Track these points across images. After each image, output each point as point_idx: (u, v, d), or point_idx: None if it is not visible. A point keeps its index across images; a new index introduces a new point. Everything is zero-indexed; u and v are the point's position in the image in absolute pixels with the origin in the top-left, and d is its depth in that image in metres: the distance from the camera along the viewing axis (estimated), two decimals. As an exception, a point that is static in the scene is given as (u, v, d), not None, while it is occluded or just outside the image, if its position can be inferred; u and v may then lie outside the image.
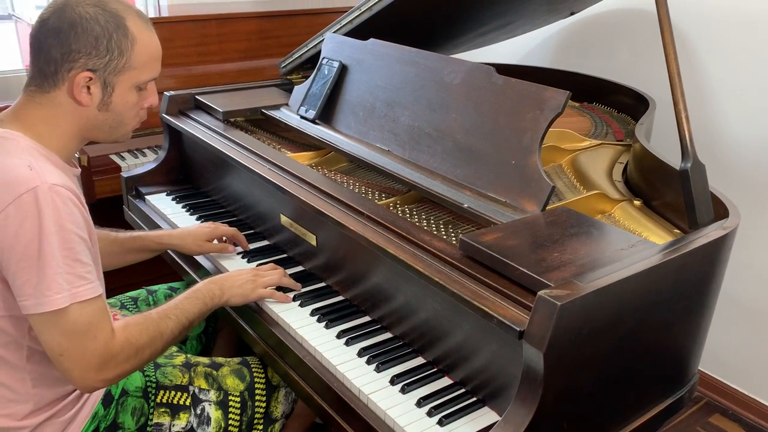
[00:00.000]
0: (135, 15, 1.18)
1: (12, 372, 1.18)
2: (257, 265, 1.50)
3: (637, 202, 1.47)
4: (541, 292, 0.96)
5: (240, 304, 1.38)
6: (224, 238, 1.62)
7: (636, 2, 2.29)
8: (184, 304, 1.28)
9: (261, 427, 1.42)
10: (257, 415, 1.41)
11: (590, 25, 2.46)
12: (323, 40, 1.86)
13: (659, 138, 1.86)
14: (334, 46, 1.80)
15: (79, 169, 1.26)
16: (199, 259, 1.61)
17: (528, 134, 1.30)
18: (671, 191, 1.30)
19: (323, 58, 1.80)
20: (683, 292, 1.15)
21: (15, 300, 1.09)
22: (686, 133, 1.19)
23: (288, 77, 2.16)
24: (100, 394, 1.28)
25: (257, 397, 1.41)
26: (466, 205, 1.30)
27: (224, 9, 2.58)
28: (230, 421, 1.37)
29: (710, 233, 1.16)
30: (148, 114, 1.30)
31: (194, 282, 1.54)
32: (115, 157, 2.30)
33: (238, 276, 1.39)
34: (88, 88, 1.15)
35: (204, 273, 1.56)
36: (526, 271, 1.03)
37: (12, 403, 1.19)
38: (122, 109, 1.21)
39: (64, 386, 1.23)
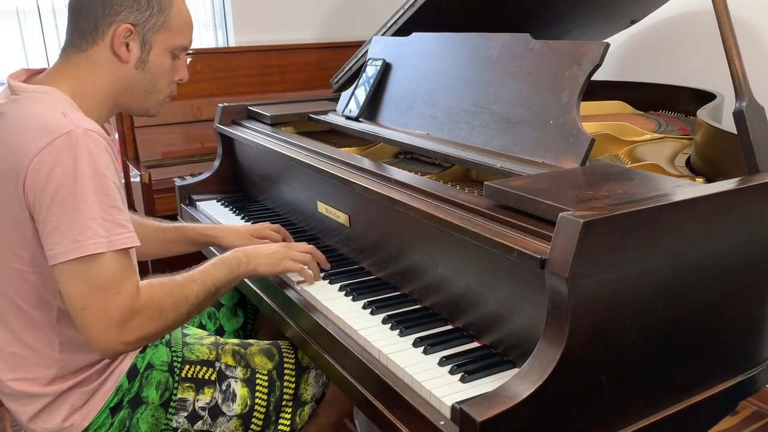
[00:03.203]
0: None
1: (40, 333, 1.16)
2: None
3: (699, 179, 1.34)
4: (563, 214, 0.87)
5: (267, 274, 1.33)
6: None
7: (700, 3, 2.19)
8: (210, 269, 1.24)
9: (290, 409, 1.33)
10: (286, 396, 1.33)
11: (654, 33, 2.37)
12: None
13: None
14: (378, 47, 1.81)
15: (111, 137, 1.28)
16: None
17: (566, 91, 1.23)
18: (736, 164, 1.17)
19: (368, 59, 1.81)
20: (740, 239, 1.01)
21: (44, 254, 1.07)
22: (738, 70, 1.08)
23: (340, 92, 2.19)
24: (126, 366, 1.24)
25: (286, 378, 1.34)
26: (498, 165, 1.22)
27: (286, 40, 2.68)
28: (257, 400, 1.30)
29: (770, 174, 1.03)
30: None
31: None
32: (176, 179, 2.37)
33: (268, 246, 1.35)
34: (127, 44, 1.17)
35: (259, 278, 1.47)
36: (551, 203, 0.94)
37: (37, 366, 1.17)
38: (157, 71, 1.22)
39: (91, 353, 1.20)
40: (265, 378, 1.32)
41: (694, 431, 1.09)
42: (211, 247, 1.65)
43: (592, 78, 1.31)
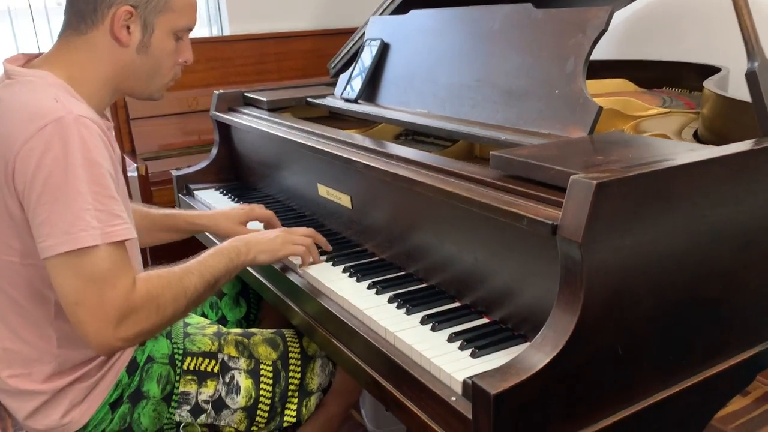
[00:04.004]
0: None
1: (36, 328, 1.12)
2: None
3: (708, 150, 1.30)
4: (574, 176, 0.83)
5: (268, 262, 1.28)
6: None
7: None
8: (209, 260, 1.19)
9: (296, 399, 1.30)
10: (291, 387, 1.29)
11: (655, 10, 2.34)
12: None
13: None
14: (376, 27, 1.77)
15: (112, 123, 1.23)
16: None
17: (571, 60, 1.19)
18: (746, 134, 1.14)
19: (366, 40, 1.77)
20: (757, 203, 0.97)
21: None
22: (749, 30, 1.04)
23: (338, 77, 2.15)
24: (125, 360, 1.21)
25: (291, 368, 1.30)
26: (503, 138, 1.19)
27: (282, 28, 2.64)
28: (261, 392, 1.26)
29: (788, 136, 0.99)
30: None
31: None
32: (174, 172, 2.33)
33: (267, 233, 1.31)
34: (128, 27, 1.12)
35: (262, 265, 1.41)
36: (561, 168, 0.90)
37: (34, 362, 1.13)
38: (160, 54, 1.17)
39: (88, 348, 1.16)
40: (270, 368, 1.29)
41: (712, 405, 1.06)
42: (207, 234, 1.61)
43: (594, 58, 1.27)
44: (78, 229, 0.98)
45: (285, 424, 1.28)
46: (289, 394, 1.29)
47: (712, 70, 1.84)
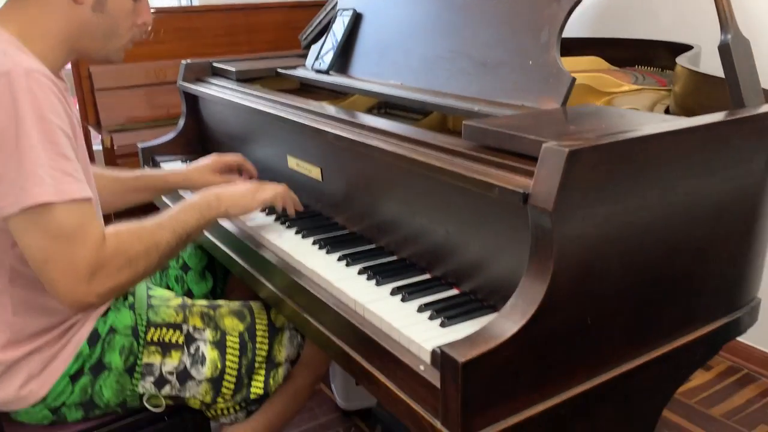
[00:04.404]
0: None
1: None
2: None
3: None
4: (546, 144, 0.82)
5: (240, 215, 1.28)
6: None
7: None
8: (180, 214, 1.17)
9: (263, 371, 1.28)
10: (258, 359, 1.27)
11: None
12: (340, -2, 1.80)
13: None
14: (349, -3, 1.73)
15: (66, 84, 1.19)
16: (225, 224, 1.44)
17: (545, 30, 1.18)
18: (718, 109, 1.14)
19: (338, 10, 1.74)
20: (727, 176, 0.98)
21: None
22: (723, 2, 1.04)
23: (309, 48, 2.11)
24: (86, 331, 1.17)
25: (258, 339, 1.28)
26: (476, 109, 1.17)
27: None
28: (228, 363, 1.24)
29: (758, 108, 0.99)
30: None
31: (210, 243, 1.46)
32: (140, 144, 2.28)
33: (238, 187, 1.29)
34: None
35: (224, 233, 1.42)
36: (533, 137, 0.89)
37: None
38: (117, 14, 1.13)
39: (48, 317, 1.13)
40: (236, 340, 1.27)
41: (679, 374, 1.07)
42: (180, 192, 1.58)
43: (566, 35, 1.26)
44: (32, 184, 0.95)
45: (252, 396, 1.26)
46: (256, 365, 1.27)
47: (685, 48, 1.85)
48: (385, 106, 1.70)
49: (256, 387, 1.27)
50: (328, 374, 2.03)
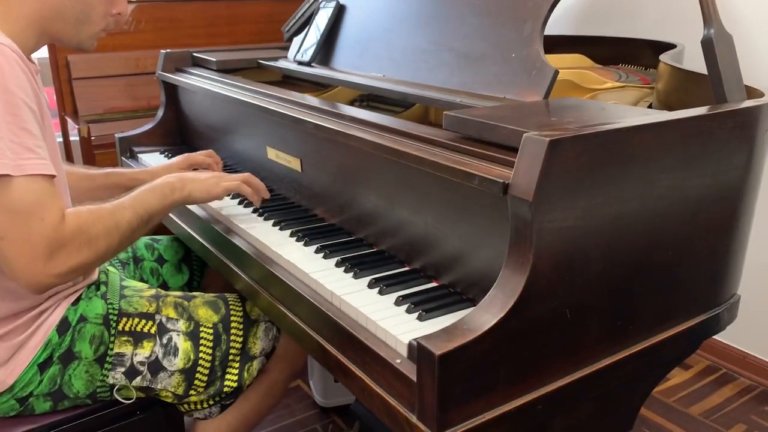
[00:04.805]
0: None
1: None
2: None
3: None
4: (527, 134, 0.81)
5: (204, 200, 1.26)
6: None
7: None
8: (142, 195, 1.15)
9: (237, 363, 1.25)
10: (233, 351, 1.25)
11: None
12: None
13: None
14: (332, -12, 1.71)
15: (38, 67, 1.17)
16: (195, 209, 1.45)
17: (528, 23, 1.17)
18: (699, 104, 1.13)
19: (321, 2, 1.71)
20: (709, 170, 0.97)
21: None
22: (706, -4, 1.03)
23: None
24: (55, 319, 1.15)
25: (233, 331, 1.26)
26: (458, 101, 1.16)
27: (235, -10, 2.55)
28: (201, 354, 1.22)
29: (740, 103, 0.99)
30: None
31: (186, 235, 1.44)
32: (117, 134, 2.23)
33: (202, 173, 1.28)
34: None
35: (201, 225, 1.41)
36: (514, 127, 0.87)
37: None
38: (92, 0, 1.11)
39: (15, 302, 1.10)
40: (210, 331, 1.24)
41: (658, 371, 1.06)
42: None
43: (550, 33, 1.25)
44: None
45: (225, 389, 1.24)
46: (230, 358, 1.25)
47: (668, 47, 1.85)
48: (367, 99, 1.68)
49: (230, 380, 1.24)
50: (306, 370, 2.00)
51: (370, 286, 1.02)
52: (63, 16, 1.10)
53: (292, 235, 1.23)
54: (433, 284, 1.03)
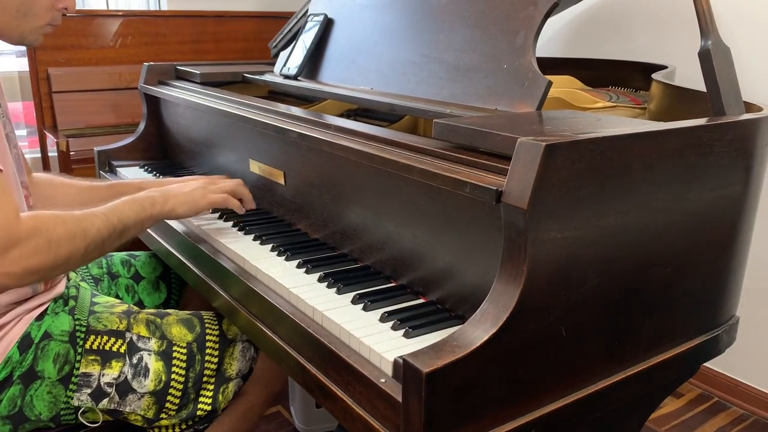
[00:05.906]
0: None
1: None
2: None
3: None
4: (522, 139, 0.76)
5: (188, 215, 1.19)
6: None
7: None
8: (118, 205, 1.09)
9: (211, 386, 1.18)
10: (207, 372, 1.18)
11: (603, 9, 2.33)
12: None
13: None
14: (320, 3, 1.68)
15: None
16: (173, 224, 1.38)
17: (521, 33, 1.13)
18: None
19: (308, 15, 1.68)
20: (708, 185, 0.93)
21: None
22: (704, 7, 1.01)
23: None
24: (16, 335, 1.08)
25: (208, 351, 1.19)
26: (448, 111, 1.12)
27: (222, 6, 2.52)
28: (173, 375, 1.15)
29: (739, 115, 0.95)
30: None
31: (164, 250, 1.37)
32: (96, 147, 2.18)
33: (186, 184, 1.22)
34: None
35: (178, 239, 1.34)
36: (507, 134, 0.83)
37: None
38: None
39: None
40: (184, 351, 1.17)
41: (656, 394, 1.01)
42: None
43: (538, 56, 1.22)
44: None
45: (199, 413, 1.17)
46: (205, 379, 1.18)
47: (658, 68, 1.84)
48: (355, 113, 1.64)
49: (204, 403, 1.17)
50: (287, 395, 1.93)
51: (354, 302, 0.96)
52: (3, 8, 1.05)
53: (273, 249, 1.17)
54: (421, 300, 0.98)
